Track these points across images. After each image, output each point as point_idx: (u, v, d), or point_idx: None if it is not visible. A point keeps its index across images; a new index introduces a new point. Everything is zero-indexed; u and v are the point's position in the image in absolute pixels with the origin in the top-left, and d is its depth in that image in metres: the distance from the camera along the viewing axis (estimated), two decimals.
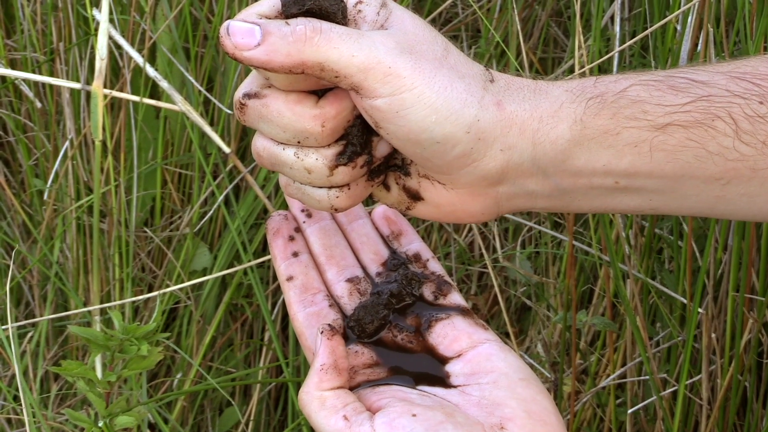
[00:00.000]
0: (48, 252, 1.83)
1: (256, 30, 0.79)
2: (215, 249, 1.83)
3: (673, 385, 1.51)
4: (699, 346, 1.50)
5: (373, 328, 0.86)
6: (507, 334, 1.68)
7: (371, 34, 0.80)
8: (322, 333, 0.81)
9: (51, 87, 1.86)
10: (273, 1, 0.82)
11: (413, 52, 0.80)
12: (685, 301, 1.47)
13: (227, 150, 1.32)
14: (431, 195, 0.86)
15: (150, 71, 1.40)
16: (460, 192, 0.85)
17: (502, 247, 1.84)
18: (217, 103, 1.74)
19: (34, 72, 1.85)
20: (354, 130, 0.83)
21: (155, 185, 1.85)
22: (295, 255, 0.90)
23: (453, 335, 0.85)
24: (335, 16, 0.81)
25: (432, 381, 0.83)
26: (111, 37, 1.40)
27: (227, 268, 1.76)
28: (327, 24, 0.79)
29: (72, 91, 1.82)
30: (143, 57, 1.50)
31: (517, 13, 1.71)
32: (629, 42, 1.44)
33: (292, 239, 0.91)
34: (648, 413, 1.58)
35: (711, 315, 1.47)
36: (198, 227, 1.81)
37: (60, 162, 1.82)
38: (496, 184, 0.84)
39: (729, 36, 1.44)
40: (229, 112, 1.74)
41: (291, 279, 0.89)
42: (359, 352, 0.85)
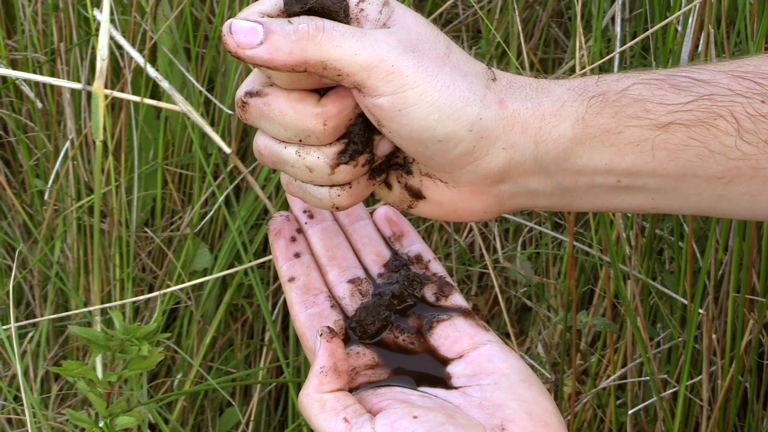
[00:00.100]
0: (48, 252, 1.83)
1: (258, 28, 0.79)
2: (216, 249, 1.83)
3: (674, 386, 1.51)
4: (699, 346, 1.50)
5: (375, 329, 0.86)
6: (507, 334, 1.68)
7: (374, 32, 0.80)
8: (321, 335, 0.81)
9: (52, 87, 1.85)
10: (275, 0, 0.82)
11: (416, 50, 0.80)
12: (686, 302, 1.47)
13: (228, 150, 1.32)
14: (433, 193, 0.86)
15: (151, 71, 1.40)
16: (462, 190, 0.85)
17: (502, 248, 1.84)
18: (218, 104, 1.74)
19: (35, 72, 1.85)
20: (356, 128, 0.83)
21: (156, 185, 1.85)
22: (297, 256, 0.90)
23: (454, 336, 0.85)
24: (337, 14, 0.81)
25: (433, 382, 0.83)
26: (112, 38, 1.40)
27: (228, 268, 1.76)
28: (330, 22, 0.79)
29: (73, 92, 1.82)
30: (144, 57, 1.50)
31: (518, 14, 1.71)
32: (630, 43, 1.44)
33: (293, 240, 0.91)
34: (648, 414, 1.58)
35: (711, 316, 1.47)
36: (198, 227, 1.81)
37: (61, 162, 1.82)
38: (498, 182, 0.84)
39: (730, 37, 1.44)
40: (230, 112, 1.74)
41: (293, 280, 0.89)
42: (360, 353, 0.85)
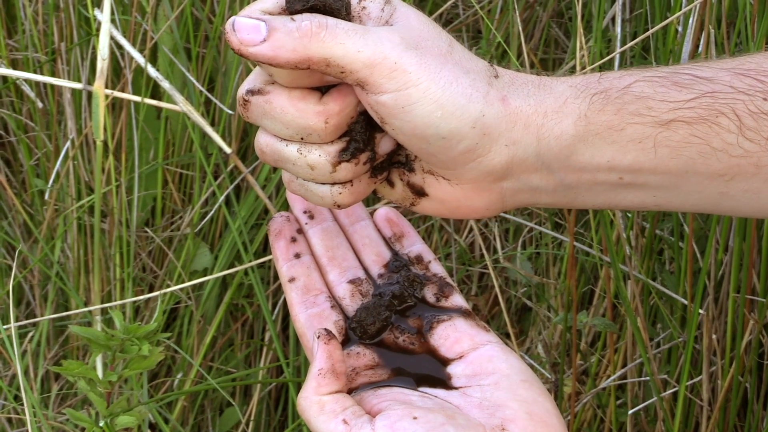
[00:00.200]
0: (49, 252, 1.83)
1: (261, 26, 0.79)
2: (216, 249, 1.83)
3: (674, 386, 1.51)
4: (699, 347, 1.50)
5: (375, 329, 0.86)
6: (507, 334, 1.68)
7: (377, 29, 0.80)
8: (318, 338, 0.81)
9: (52, 87, 1.86)
10: None
11: (419, 47, 0.80)
12: (686, 302, 1.47)
13: (228, 150, 1.32)
14: (436, 191, 0.86)
15: (151, 71, 1.40)
16: (464, 187, 0.85)
17: (502, 248, 1.84)
18: (219, 104, 1.74)
19: (35, 72, 1.85)
20: (357, 126, 0.83)
21: (156, 185, 1.85)
22: (297, 256, 0.90)
23: (455, 337, 0.85)
24: (339, 12, 0.81)
25: (433, 382, 0.83)
26: (112, 38, 1.40)
27: (228, 268, 1.76)
28: (332, 20, 0.79)
29: (73, 91, 1.82)
30: (144, 57, 1.50)
31: (519, 14, 1.71)
32: (630, 43, 1.44)
33: (294, 240, 0.91)
34: (648, 414, 1.58)
35: (712, 316, 1.47)
36: (199, 227, 1.81)
37: (61, 162, 1.82)
38: (500, 179, 0.84)
39: (730, 37, 1.44)
40: (231, 112, 1.74)
41: (293, 280, 0.89)
42: (361, 353, 0.85)
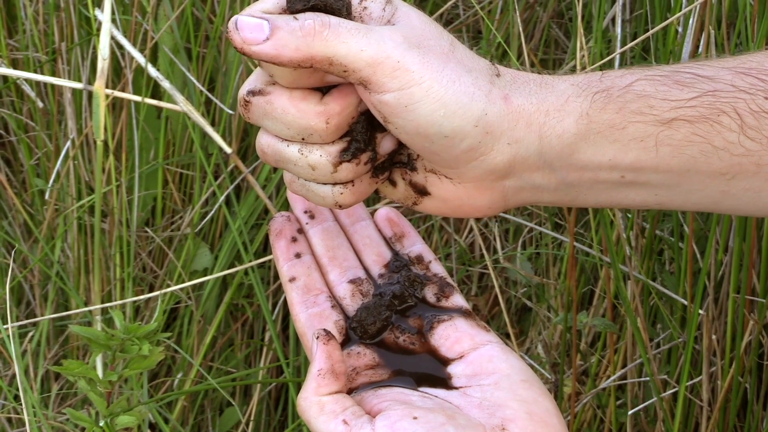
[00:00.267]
0: (49, 251, 1.83)
1: (264, 24, 0.79)
2: (216, 249, 1.83)
3: (674, 387, 1.51)
4: (699, 347, 1.50)
5: (376, 329, 0.86)
6: (507, 335, 1.68)
7: (379, 29, 0.80)
8: (317, 338, 0.81)
9: (53, 87, 1.86)
10: None
11: (421, 46, 0.80)
12: (686, 303, 1.47)
13: (228, 150, 1.32)
14: (438, 190, 0.86)
15: (152, 71, 1.40)
16: (467, 186, 0.85)
17: (502, 248, 1.84)
18: (219, 104, 1.74)
19: (36, 72, 1.85)
20: (358, 126, 0.83)
21: (156, 185, 1.85)
22: (298, 256, 0.90)
23: (455, 337, 0.85)
24: (340, 12, 0.81)
25: (434, 382, 0.83)
26: (113, 37, 1.40)
27: (228, 268, 1.76)
28: (335, 18, 0.79)
29: (74, 91, 1.83)
30: (145, 57, 1.50)
31: (519, 14, 1.71)
32: (630, 44, 1.44)
33: (294, 240, 0.91)
34: (648, 414, 1.58)
35: (711, 316, 1.47)
36: (199, 227, 1.81)
37: (61, 162, 1.82)
38: (503, 177, 0.84)
39: (730, 38, 1.44)
40: (231, 112, 1.74)
41: (293, 280, 0.89)
42: (361, 353, 0.85)
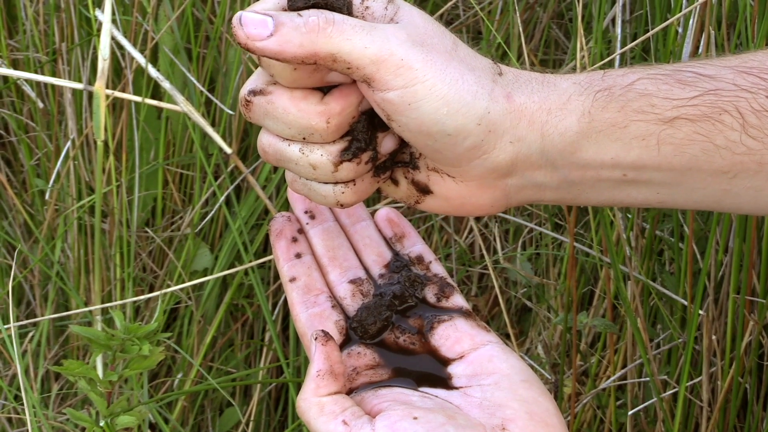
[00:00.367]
0: (49, 252, 1.83)
1: (268, 21, 0.79)
2: (216, 249, 1.83)
3: (674, 387, 1.51)
4: (699, 347, 1.50)
5: (376, 329, 0.86)
6: (507, 335, 1.69)
7: (383, 26, 0.80)
8: (316, 339, 0.81)
9: (53, 87, 1.86)
10: None
11: (424, 44, 0.80)
12: (686, 303, 1.48)
13: (229, 150, 1.32)
14: (440, 188, 0.86)
15: (152, 72, 1.41)
16: (469, 184, 0.85)
17: (502, 249, 1.84)
18: (219, 104, 1.74)
19: (36, 72, 1.85)
20: (359, 126, 0.83)
21: (157, 185, 1.85)
22: (298, 256, 0.90)
23: (455, 337, 0.85)
24: (341, 11, 0.81)
25: (434, 382, 0.83)
26: (113, 38, 1.40)
27: (228, 268, 1.76)
28: (339, 15, 0.79)
29: (74, 92, 1.83)
30: (145, 57, 1.50)
31: (519, 15, 1.71)
32: (631, 44, 1.44)
33: (295, 240, 0.91)
34: (648, 415, 1.58)
35: (711, 317, 1.47)
36: (199, 227, 1.81)
37: (62, 162, 1.82)
38: (505, 176, 0.84)
39: (730, 38, 1.44)
40: (231, 112, 1.74)
41: (294, 280, 0.89)
42: (362, 353, 0.85)
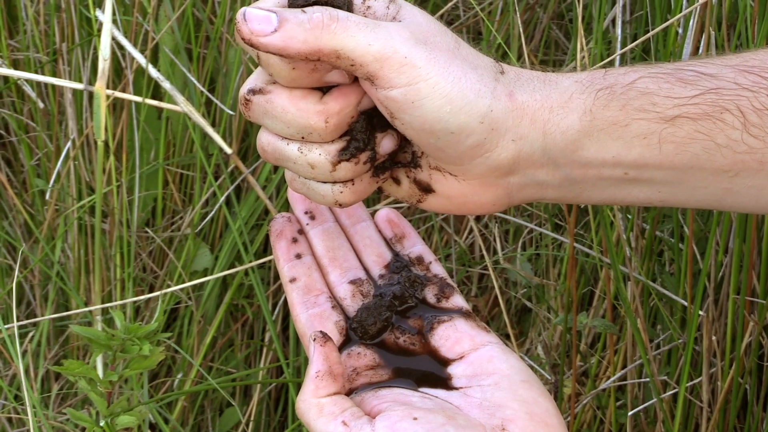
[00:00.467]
0: (50, 252, 1.83)
1: (272, 17, 0.79)
2: (216, 249, 1.83)
3: (674, 388, 1.51)
4: (699, 348, 1.50)
5: (376, 329, 0.86)
6: (507, 335, 1.69)
7: (387, 24, 0.80)
8: (314, 340, 0.81)
9: (53, 87, 1.86)
10: None
11: (428, 43, 0.80)
12: (686, 304, 1.48)
13: (229, 151, 1.32)
14: (442, 187, 0.86)
15: (152, 72, 1.41)
16: (471, 183, 0.85)
17: (502, 249, 1.85)
18: (219, 104, 1.74)
19: (36, 72, 1.86)
20: (358, 126, 0.83)
21: (157, 186, 1.85)
22: (298, 257, 0.90)
23: (455, 337, 0.85)
24: (341, 9, 0.81)
25: (434, 383, 0.83)
26: (114, 38, 1.40)
27: (228, 268, 1.76)
28: (343, 12, 0.79)
29: (74, 92, 1.83)
30: (146, 58, 1.50)
31: (519, 16, 1.71)
32: (631, 45, 1.44)
33: (295, 241, 0.91)
34: (648, 415, 1.58)
35: (712, 317, 1.47)
36: (199, 228, 1.81)
37: (62, 162, 1.82)
38: (507, 174, 0.84)
39: (730, 39, 1.44)
40: (231, 113, 1.74)
41: (294, 280, 0.89)
42: (362, 353, 0.85)
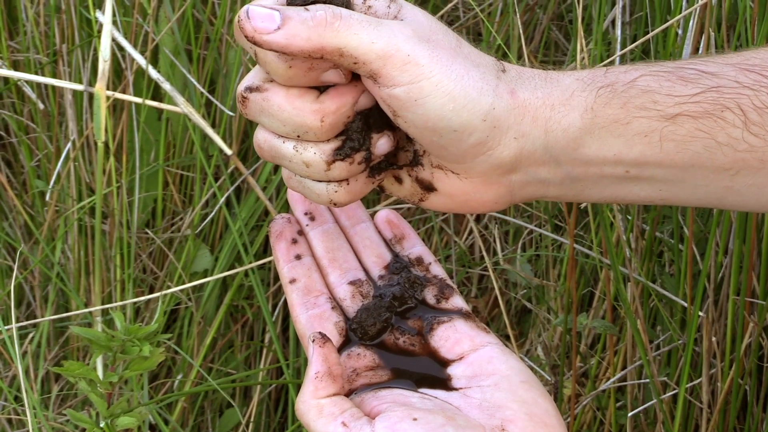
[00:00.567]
0: (50, 253, 1.83)
1: (275, 14, 0.79)
2: (216, 250, 1.83)
3: (674, 389, 1.51)
4: (699, 349, 1.50)
5: (376, 330, 0.86)
6: (507, 336, 1.69)
7: (389, 22, 0.81)
8: (313, 341, 0.81)
9: (53, 88, 1.86)
10: None
11: (430, 41, 0.81)
12: (686, 305, 1.48)
13: (229, 152, 1.32)
14: (444, 185, 0.86)
15: (152, 73, 1.41)
16: (473, 181, 0.85)
17: (502, 250, 1.85)
18: (219, 105, 1.74)
19: (36, 73, 1.86)
20: (353, 126, 0.83)
21: (157, 187, 1.86)
22: (298, 258, 0.91)
23: (455, 338, 0.85)
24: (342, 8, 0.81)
25: (433, 384, 0.83)
26: (114, 39, 1.41)
27: (228, 269, 1.76)
28: (346, 10, 0.79)
29: (74, 93, 1.83)
30: (146, 59, 1.50)
31: (519, 17, 1.71)
32: (630, 46, 1.44)
33: (295, 242, 0.91)
34: (648, 416, 1.58)
35: (711, 318, 1.47)
36: (199, 229, 1.81)
37: (62, 163, 1.82)
38: (509, 172, 0.84)
39: (730, 40, 1.44)
40: (231, 114, 1.74)
41: (294, 281, 0.89)
42: (361, 354, 0.86)
